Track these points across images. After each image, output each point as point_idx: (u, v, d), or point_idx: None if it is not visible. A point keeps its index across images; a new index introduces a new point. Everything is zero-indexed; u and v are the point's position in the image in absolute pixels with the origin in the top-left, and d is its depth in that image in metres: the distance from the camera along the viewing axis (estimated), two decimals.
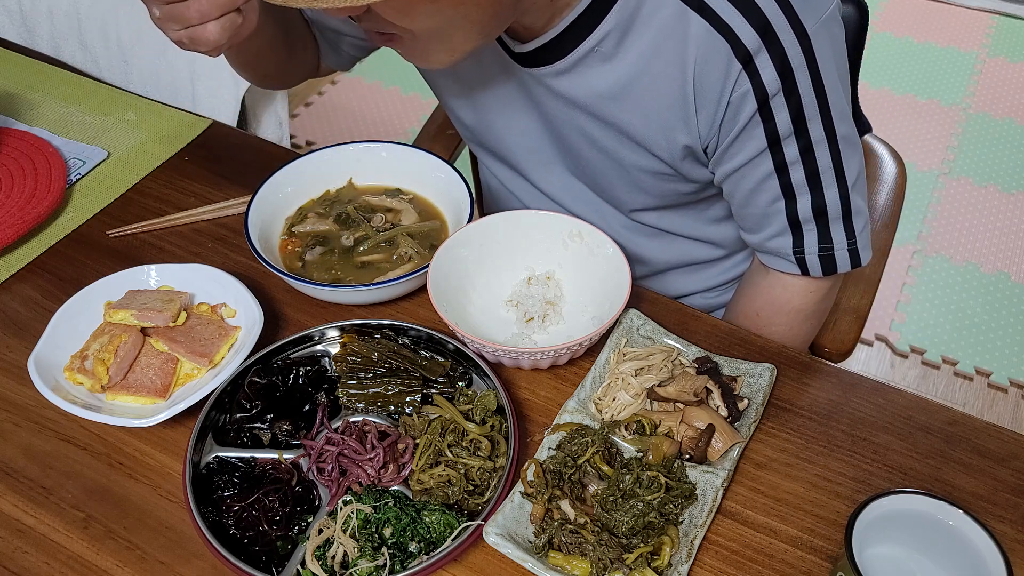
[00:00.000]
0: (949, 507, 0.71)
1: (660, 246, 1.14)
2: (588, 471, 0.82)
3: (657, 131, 0.93)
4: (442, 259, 0.96)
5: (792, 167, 0.91)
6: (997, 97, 3.02)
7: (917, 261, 2.47)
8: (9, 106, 1.31)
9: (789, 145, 0.90)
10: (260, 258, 0.98)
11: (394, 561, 0.75)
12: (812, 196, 0.93)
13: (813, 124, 0.89)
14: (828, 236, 0.96)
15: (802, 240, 0.97)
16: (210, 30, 0.80)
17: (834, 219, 0.95)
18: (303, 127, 2.91)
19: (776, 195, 0.94)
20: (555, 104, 0.98)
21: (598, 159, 1.01)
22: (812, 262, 0.98)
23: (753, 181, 0.94)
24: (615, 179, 1.03)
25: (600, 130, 0.97)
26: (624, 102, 0.92)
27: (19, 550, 0.81)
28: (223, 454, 0.85)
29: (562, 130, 1.01)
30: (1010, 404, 2.15)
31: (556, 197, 1.12)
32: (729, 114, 0.88)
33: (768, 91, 0.85)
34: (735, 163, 0.93)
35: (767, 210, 0.96)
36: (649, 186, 1.02)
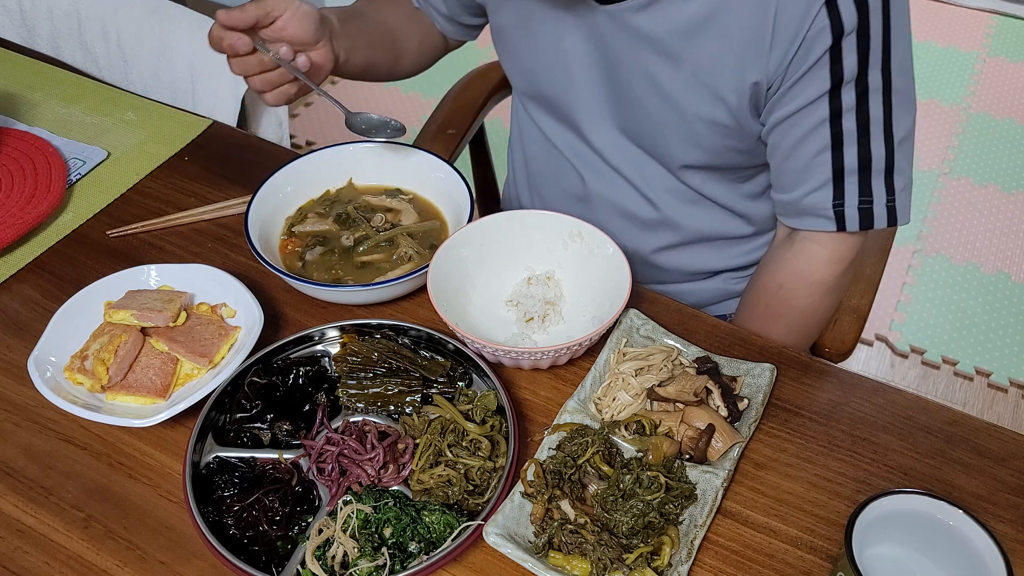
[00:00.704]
0: (949, 507, 0.71)
1: (696, 213, 1.15)
2: (588, 471, 0.82)
3: (729, 69, 0.94)
4: (442, 259, 0.96)
5: (846, 115, 0.92)
6: (997, 97, 3.02)
7: (917, 261, 2.47)
8: (9, 106, 1.31)
9: (848, 91, 0.91)
10: (260, 258, 0.98)
11: (394, 561, 0.75)
12: (859, 147, 0.94)
13: (873, 71, 0.90)
14: (869, 190, 0.96)
15: (843, 192, 0.97)
16: (267, 97, 1.02)
17: (876, 173, 0.95)
18: (303, 127, 2.91)
19: (824, 145, 0.95)
20: (625, 45, 0.99)
21: (658, 107, 1.01)
22: (851, 215, 0.98)
23: (804, 128, 0.95)
24: (671, 131, 1.03)
25: (668, 71, 0.97)
26: (701, 36, 0.93)
27: (19, 550, 0.81)
28: (223, 454, 0.85)
29: (625, 76, 1.01)
30: (1010, 404, 2.15)
31: (603, 152, 1.12)
32: (802, 51, 0.89)
33: (844, 29, 0.87)
34: (791, 107, 0.94)
35: (811, 162, 0.96)
36: (704, 139, 1.02)
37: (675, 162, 1.08)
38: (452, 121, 1.43)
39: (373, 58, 1.18)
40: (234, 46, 0.95)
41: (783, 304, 1.06)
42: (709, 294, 1.25)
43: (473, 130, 1.46)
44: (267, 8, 0.96)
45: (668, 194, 1.13)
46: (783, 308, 1.06)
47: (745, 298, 1.14)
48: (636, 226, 1.17)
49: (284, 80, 1.01)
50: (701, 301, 1.25)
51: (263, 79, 1.00)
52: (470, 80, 1.50)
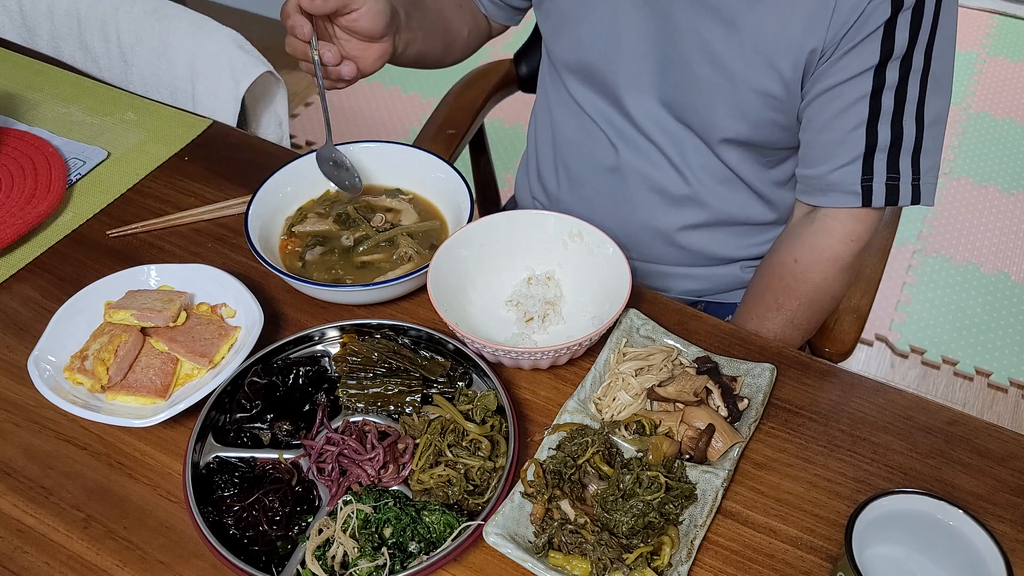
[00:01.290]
0: (949, 507, 0.71)
1: (726, 193, 1.16)
2: (588, 471, 0.82)
3: (789, 37, 0.95)
4: (442, 259, 0.96)
5: (886, 92, 0.95)
6: (997, 97, 3.02)
7: (917, 261, 2.48)
8: (9, 106, 1.31)
9: (892, 69, 0.93)
10: (260, 258, 0.98)
11: (394, 561, 0.75)
12: (892, 124, 0.96)
13: (918, 52, 0.93)
14: (896, 167, 0.99)
15: (872, 168, 0.99)
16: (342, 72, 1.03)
17: (905, 151, 0.98)
18: (303, 127, 2.91)
19: (862, 120, 0.97)
20: (684, 11, 1.00)
21: (709, 77, 1.02)
22: (878, 190, 1.00)
23: (845, 101, 0.96)
24: (719, 101, 1.04)
25: (725, 38, 0.98)
26: (766, 4, 0.95)
27: (19, 550, 0.81)
28: (223, 454, 0.85)
29: (680, 43, 1.02)
30: (1010, 404, 2.15)
31: (640, 123, 1.13)
32: (861, 20, 0.91)
33: (904, 3, 0.89)
34: (836, 79, 0.95)
35: (846, 136, 0.98)
36: (752, 110, 1.03)
37: (716, 135, 1.08)
38: (452, 121, 1.43)
39: (427, 49, 1.19)
40: (295, 28, 0.98)
41: (798, 279, 1.07)
42: (724, 280, 1.25)
43: (473, 130, 1.46)
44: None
45: (702, 170, 1.14)
46: (797, 283, 1.07)
47: (758, 274, 1.15)
48: (665, 201, 1.17)
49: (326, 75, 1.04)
50: (716, 287, 1.25)
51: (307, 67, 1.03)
52: (470, 80, 1.50)
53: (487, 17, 1.29)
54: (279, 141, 1.55)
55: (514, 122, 2.74)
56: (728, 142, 1.09)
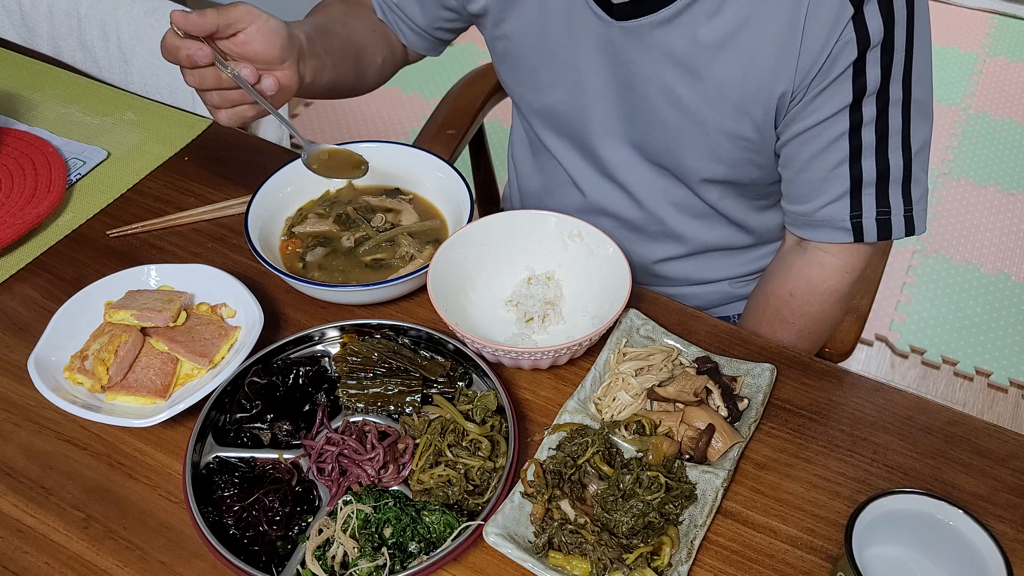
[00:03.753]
0: (949, 507, 0.71)
1: (703, 227, 1.14)
2: (588, 471, 0.82)
3: (755, 83, 0.93)
4: (442, 259, 0.96)
5: (865, 128, 0.92)
6: (997, 97, 3.02)
7: (917, 261, 2.48)
8: (9, 106, 1.31)
9: (869, 104, 0.91)
10: (260, 258, 0.98)
11: (394, 561, 0.75)
12: (877, 159, 0.94)
13: (895, 84, 0.90)
14: (887, 201, 0.96)
15: (860, 204, 0.97)
16: (220, 116, 0.95)
17: (894, 184, 0.95)
18: (303, 127, 2.91)
19: (843, 157, 0.94)
20: (644, 60, 0.97)
21: (677, 122, 1.00)
22: (868, 226, 0.98)
23: (824, 141, 0.94)
24: (691, 145, 1.02)
25: (689, 86, 0.96)
26: (727, 51, 0.92)
27: (19, 550, 0.81)
28: (223, 454, 0.85)
29: (643, 90, 1.00)
30: (1010, 404, 2.15)
31: (611, 168, 1.11)
32: (828, 63, 0.88)
33: (871, 42, 0.87)
34: (811, 120, 0.93)
35: (829, 174, 0.96)
36: (726, 153, 1.01)
37: (694, 176, 1.06)
38: (452, 121, 1.43)
39: (339, 78, 1.11)
40: (193, 57, 0.87)
41: (794, 312, 1.06)
42: (714, 297, 1.24)
43: (473, 130, 1.46)
44: (231, 18, 0.88)
45: (674, 208, 1.12)
46: (794, 316, 1.06)
47: (753, 303, 1.14)
48: (639, 237, 1.17)
49: (244, 100, 0.93)
50: (706, 304, 1.25)
51: (221, 96, 0.92)
52: (470, 80, 1.50)
53: (405, 46, 1.22)
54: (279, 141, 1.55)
55: None
56: (707, 182, 1.07)
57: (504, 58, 1.12)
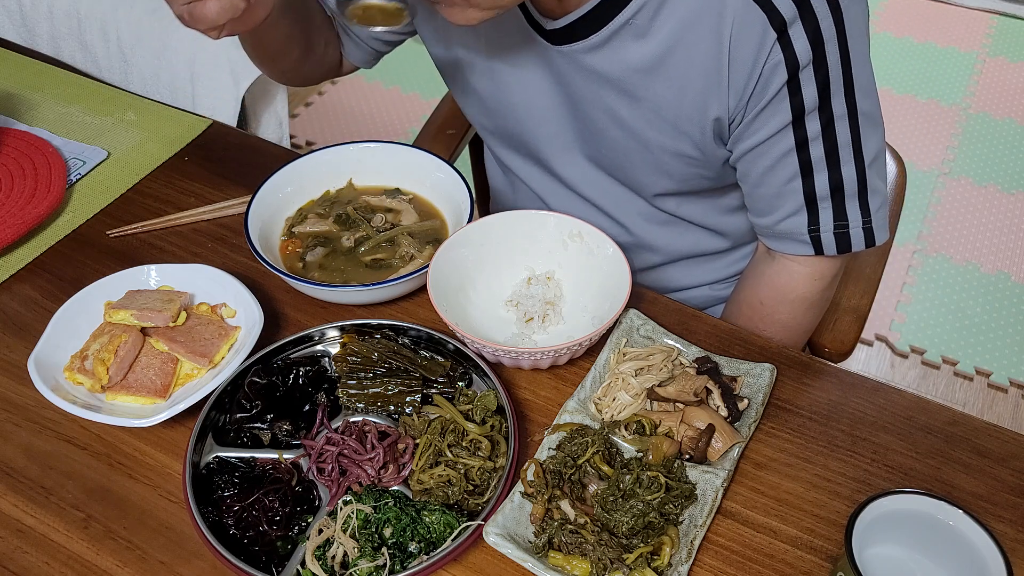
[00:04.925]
0: (949, 507, 0.71)
1: (673, 234, 1.14)
2: (588, 471, 0.82)
3: (689, 105, 0.93)
4: (442, 259, 0.96)
5: (812, 143, 0.92)
6: (997, 97, 3.02)
7: (917, 261, 2.47)
8: (9, 106, 1.31)
9: (812, 120, 0.90)
10: (260, 258, 0.98)
11: (394, 561, 0.75)
12: (829, 173, 0.93)
13: (836, 99, 0.89)
14: (844, 214, 0.96)
15: (817, 218, 0.97)
16: (209, 7, 0.79)
17: (850, 196, 0.95)
18: (303, 127, 2.91)
19: (793, 173, 0.94)
20: (583, 83, 0.97)
21: (623, 140, 1.00)
22: (827, 240, 0.98)
23: (772, 158, 0.94)
24: (639, 162, 1.02)
25: (629, 108, 0.96)
26: (658, 75, 0.92)
27: (19, 550, 0.81)
28: (223, 454, 0.85)
29: (587, 110, 1.00)
30: (1010, 404, 2.15)
31: (573, 184, 1.12)
32: (759, 86, 0.88)
33: (799, 62, 0.86)
34: (756, 139, 0.93)
35: (782, 189, 0.96)
36: (673, 169, 1.01)
37: (647, 190, 1.07)
38: (452, 121, 1.43)
39: (292, 36, 1.08)
40: None
41: (764, 319, 1.06)
42: (697, 301, 1.25)
43: (473, 130, 1.46)
44: None
45: (641, 219, 1.13)
46: (765, 323, 1.06)
47: (728, 310, 1.15)
48: None
49: None
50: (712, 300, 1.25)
51: None
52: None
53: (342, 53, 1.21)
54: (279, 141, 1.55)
55: None
56: (661, 195, 1.07)
57: (455, 85, 1.13)
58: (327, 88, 3.06)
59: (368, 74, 3.12)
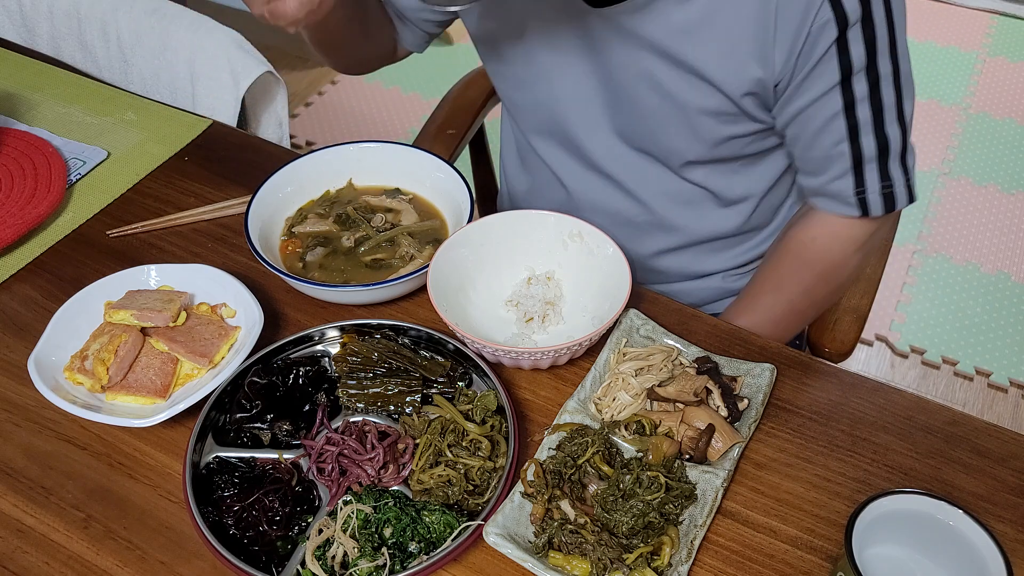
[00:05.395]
0: (949, 507, 0.71)
1: (694, 215, 1.15)
2: (588, 471, 0.82)
3: (731, 66, 0.94)
4: (442, 259, 0.96)
5: (859, 104, 0.94)
6: (997, 97, 3.01)
7: (917, 261, 2.48)
8: (9, 106, 1.31)
9: (859, 81, 0.92)
10: (260, 258, 0.98)
11: (394, 561, 0.75)
12: (876, 134, 0.95)
13: (883, 58, 0.91)
14: (888, 174, 0.98)
15: (864, 181, 0.98)
16: (289, 5, 0.84)
17: (893, 157, 0.97)
18: (303, 127, 2.91)
19: (841, 136, 0.96)
20: (621, 47, 0.98)
21: (657, 105, 1.01)
22: (874, 200, 1.00)
23: (820, 121, 0.96)
24: (673, 126, 1.03)
25: (667, 71, 0.97)
26: (700, 35, 0.93)
27: (19, 550, 0.81)
28: (223, 454, 0.85)
29: (622, 77, 1.01)
30: (1010, 404, 2.15)
31: (597, 160, 1.12)
32: (807, 45, 0.89)
33: (849, 20, 0.87)
34: (804, 100, 0.94)
35: (831, 152, 0.97)
36: (707, 130, 1.02)
37: (677, 159, 1.08)
38: (452, 121, 1.43)
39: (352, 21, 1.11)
40: None
41: (815, 254, 1.07)
42: (709, 293, 1.25)
43: (473, 130, 1.46)
44: None
45: (664, 197, 1.13)
46: (815, 257, 1.07)
47: (772, 251, 1.14)
48: (631, 230, 1.17)
49: None
50: (698, 300, 1.25)
51: None
52: (470, 80, 1.50)
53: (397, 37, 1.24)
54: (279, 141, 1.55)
55: None
56: (691, 163, 1.08)
57: (488, 56, 1.14)
58: (327, 88, 3.06)
59: (368, 74, 3.12)
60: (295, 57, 3.16)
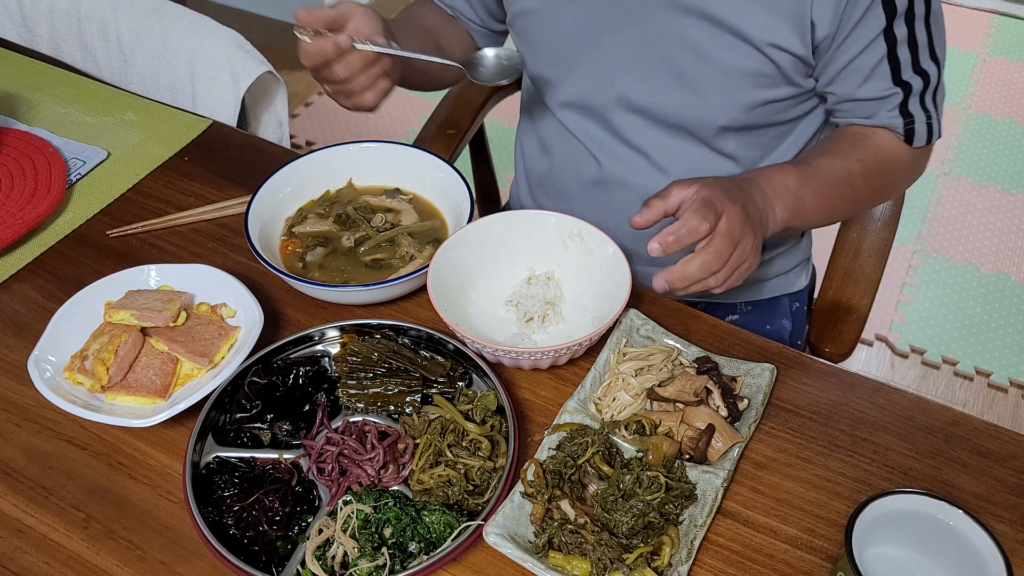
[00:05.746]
0: (949, 507, 0.71)
1: None
2: (588, 471, 0.82)
3: (774, 24, 0.96)
4: (442, 259, 0.96)
5: (900, 47, 0.99)
6: (997, 97, 3.01)
7: (917, 261, 2.47)
8: (9, 106, 1.31)
9: (899, 24, 0.96)
10: (260, 258, 0.98)
11: (394, 561, 0.75)
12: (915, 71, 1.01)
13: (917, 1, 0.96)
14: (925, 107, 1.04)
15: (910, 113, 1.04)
16: (367, 98, 1.00)
17: (928, 92, 1.03)
18: (303, 127, 2.91)
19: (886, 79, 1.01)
20: (661, 13, 1.01)
21: (696, 71, 1.03)
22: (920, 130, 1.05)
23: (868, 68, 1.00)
24: (711, 88, 1.05)
25: (707, 32, 0.99)
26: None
27: (19, 550, 0.81)
28: (223, 454, 0.85)
29: (663, 45, 1.03)
30: (1010, 404, 2.15)
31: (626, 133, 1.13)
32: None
33: None
34: (851, 53, 0.98)
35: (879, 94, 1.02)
36: (744, 93, 1.04)
37: (711, 127, 1.09)
38: (452, 121, 1.43)
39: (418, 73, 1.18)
40: (340, 44, 0.96)
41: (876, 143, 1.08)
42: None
43: (473, 130, 1.46)
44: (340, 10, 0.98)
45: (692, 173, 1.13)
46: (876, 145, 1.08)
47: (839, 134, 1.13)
48: None
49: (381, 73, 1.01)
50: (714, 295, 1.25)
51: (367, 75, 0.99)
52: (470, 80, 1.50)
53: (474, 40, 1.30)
54: (279, 141, 1.55)
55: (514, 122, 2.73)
56: (724, 131, 1.09)
57: (524, 35, 1.15)
58: None
59: None
60: (295, 57, 3.16)
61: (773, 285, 1.28)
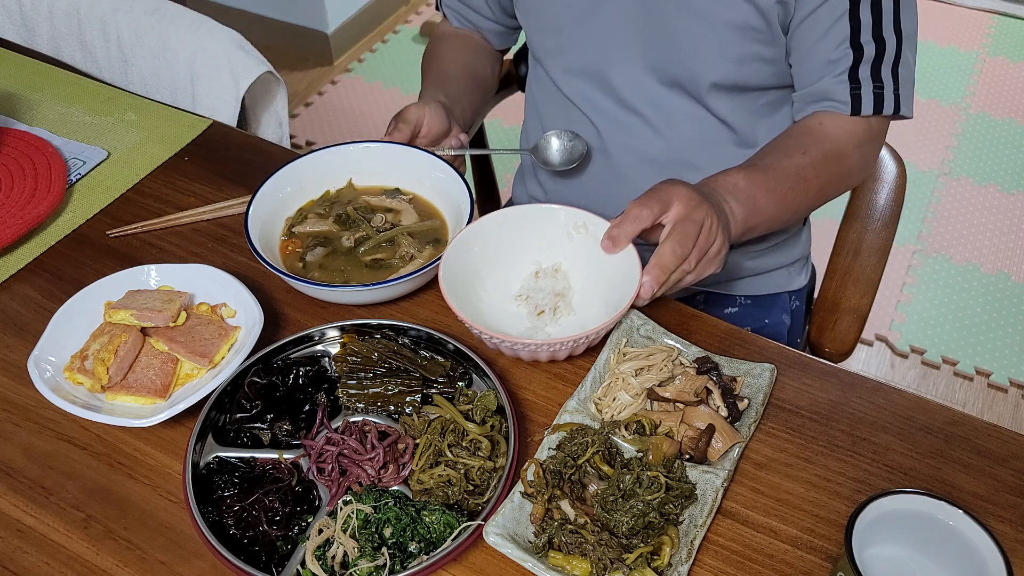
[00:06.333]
0: (949, 507, 0.71)
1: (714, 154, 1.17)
2: (588, 471, 0.82)
3: None
4: (451, 258, 0.96)
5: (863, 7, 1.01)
6: (997, 97, 3.01)
7: (917, 261, 2.47)
8: (9, 106, 1.31)
9: None
10: (260, 258, 0.98)
11: (394, 561, 0.75)
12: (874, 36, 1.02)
13: None
14: (879, 77, 1.05)
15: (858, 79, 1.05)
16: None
17: (886, 62, 1.04)
18: (303, 127, 2.91)
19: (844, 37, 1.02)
20: None
21: (689, 24, 1.06)
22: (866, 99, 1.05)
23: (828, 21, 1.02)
24: (701, 46, 1.07)
25: None
26: None
27: (19, 550, 0.81)
28: (223, 454, 0.85)
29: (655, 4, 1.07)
30: (1010, 404, 2.15)
31: (624, 95, 1.16)
32: None
33: None
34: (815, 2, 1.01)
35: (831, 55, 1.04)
36: (733, 47, 1.07)
37: (703, 83, 1.10)
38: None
39: (476, 105, 1.29)
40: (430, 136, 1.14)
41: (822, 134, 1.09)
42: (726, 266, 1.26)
43: (473, 130, 1.46)
44: (410, 121, 1.12)
45: (690, 134, 1.16)
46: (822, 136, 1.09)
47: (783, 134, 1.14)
48: (655, 169, 1.18)
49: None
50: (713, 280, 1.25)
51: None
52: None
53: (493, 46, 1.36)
54: (279, 141, 1.55)
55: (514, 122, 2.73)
56: (716, 88, 1.11)
57: (527, 10, 1.19)
58: (327, 88, 3.06)
59: (368, 74, 3.12)
60: (295, 57, 3.16)
61: (773, 281, 1.28)
